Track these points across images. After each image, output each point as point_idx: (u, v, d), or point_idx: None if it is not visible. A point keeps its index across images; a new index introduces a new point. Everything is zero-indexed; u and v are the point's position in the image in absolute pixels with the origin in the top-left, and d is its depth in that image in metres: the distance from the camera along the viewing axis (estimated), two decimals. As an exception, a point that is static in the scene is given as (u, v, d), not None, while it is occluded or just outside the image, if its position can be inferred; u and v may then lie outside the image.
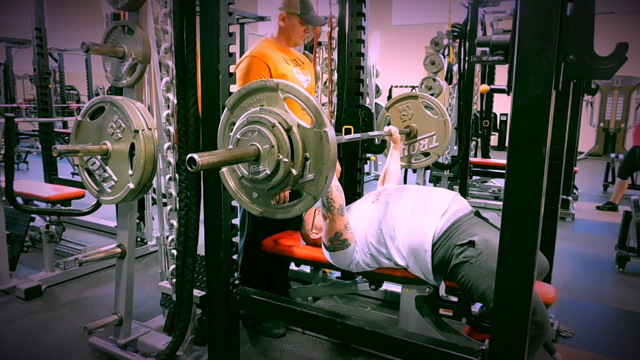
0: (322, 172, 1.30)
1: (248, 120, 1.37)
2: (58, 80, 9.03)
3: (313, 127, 1.30)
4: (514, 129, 1.11)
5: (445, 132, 2.61)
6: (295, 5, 2.14)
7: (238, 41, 5.49)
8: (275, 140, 1.32)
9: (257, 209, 1.47)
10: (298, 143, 1.32)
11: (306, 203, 1.37)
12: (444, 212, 1.78)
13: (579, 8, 1.08)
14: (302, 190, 1.37)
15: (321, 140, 1.29)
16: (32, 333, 2.32)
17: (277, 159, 1.32)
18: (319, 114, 1.29)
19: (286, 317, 1.73)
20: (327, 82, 3.07)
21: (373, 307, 2.62)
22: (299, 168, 1.33)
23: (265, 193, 1.42)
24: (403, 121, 2.72)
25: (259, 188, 1.42)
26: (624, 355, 2.24)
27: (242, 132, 1.38)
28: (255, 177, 1.38)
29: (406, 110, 2.71)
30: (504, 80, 1.22)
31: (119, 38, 1.89)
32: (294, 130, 1.32)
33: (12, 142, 2.56)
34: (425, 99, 2.69)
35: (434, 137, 2.65)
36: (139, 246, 3.45)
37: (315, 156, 1.31)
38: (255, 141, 1.35)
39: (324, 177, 1.30)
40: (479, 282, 1.58)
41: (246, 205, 1.49)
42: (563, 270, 3.29)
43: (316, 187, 1.32)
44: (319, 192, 1.33)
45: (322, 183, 1.31)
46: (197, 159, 1.18)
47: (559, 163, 2.16)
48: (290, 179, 1.34)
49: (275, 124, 1.32)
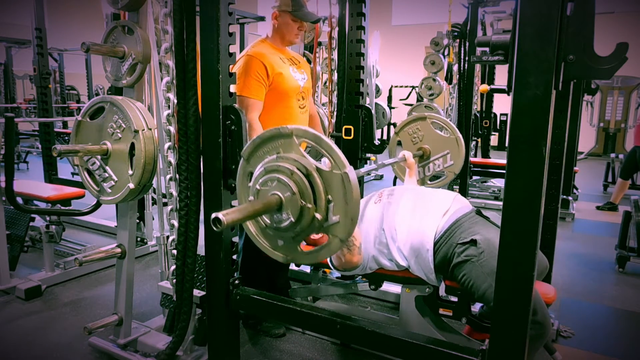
0: (347, 213, 1.28)
1: (266, 170, 1.36)
2: (58, 80, 9.04)
3: (332, 169, 1.29)
4: (514, 129, 1.11)
5: (459, 149, 2.58)
6: (287, 2, 2.14)
7: (238, 41, 5.49)
8: (296, 186, 1.31)
9: (282, 256, 1.46)
10: (319, 187, 1.30)
11: (333, 246, 1.36)
12: (445, 212, 1.78)
13: (579, 8, 1.08)
14: (328, 233, 1.36)
15: (342, 182, 1.28)
16: (32, 333, 2.32)
17: (300, 205, 1.30)
18: (337, 155, 1.28)
19: (286, 317, 1.73)
20: (327, 82, 3.07)
21: (373, 307, 2.62)
22: (322, 212, 1.31)
23: (290, 240, 1.42)
24: (414, 143, 2.68)
25: (284, 236, 1.42)
26: (624, 355, 2.24)
27: (262, 182, 1.37)
28: (279, 225, 1.37)
29: (416, 132, 2.68)
30: (504, 80, 1.22)
31: (119, 38, 1.89)
32: (313, 174, 1.30)
33: (12, 142, 2.56)
34: (434, 119, 2.67)
35: (447, 156, 2.61)
36: (139, 246, 3.45)
37: (338, 198, 1.29)
38: (275, 190, 1.33)
39: (350, 219, 1.29)
40: (480, 281, 1.58)
41: (270, 252, 1.48)
42: (563, 270, 3.29)
43: (342, 229, 1.31)
44: (346, 234, 1.31)
45: (348, 224, 1.30)
46: (222, 218, 1.16)
47: (559, 163, 2.16)
48: (315, 224, 1.33)
49: (294, 170, 1.31)
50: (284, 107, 2.20)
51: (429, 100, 5.20)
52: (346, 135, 2.67)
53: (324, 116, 2.94)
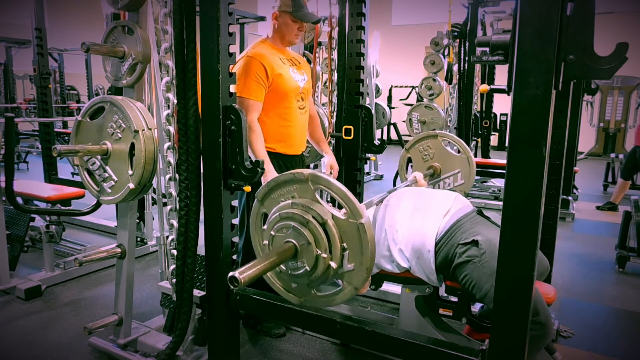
0: (362, 263, 1.29)
1: (281, 217, 1.36)
2: (58, 80, 9.04)
3: (348, 218, 1.28)
4: (514, 129, 1.11)
5: (470, 169, 2.57)
6: (287, 3, 2.14)
7: (238, 41, 5.49)
8: (312, 236, 1.30)
9: (296, 298, 1.47)
10: (335, 236, 1.30)
11: (347, 293, 1.36)
12: (446, 212, 1.78)
13: (579, 8, 1.08)
14: (342, 279, 1.36)
15: (358, 231, 1.28)
16: (32, 333, 2.32)
17: (316, 254, 1.31)
18: (353, 204, 1.27)
19: (286, 317, 1.73)
20: (327, 82, 3.07)
21: (373, 307, 2.62)
22: (337, 260, 1.31)
23: (305, 285, 1.42)
24: (425, 161, 2.67)
25: (299, 281, 1.42)
26: (624, 355, 2.24)
27: (277, 229, 1.36)
28: (294, 272, 1.37)
29: (427, 150, 2.67)
30: (504, 80, 1.22)
31: (119, 38, 1.89)
32: (329, 223, 1.30)
33: (12, 142, 2.56)
34: (445, 137, 2.66)
35: (458, 175, 2.60)
36: (139, 246, 3.45)
37: (354, 247, 1.29)
38: (290, 238, 1.33)
39: (365, 268, 1.29)
40: (482, 282, 1.57)
41: (283, 294, 1.49)
42: (563, 270, 3.29)
43: (357, 278, 1.31)
44: (361, 283, 1.32)
45: (362, 273, 1.30)
46: (239, 277, 1.17)
47: (559, 163, 2.16)
48: (330, 272, 1.33)
49: (309, 219, 1.30)
50: (283, 108, 2.20)
51: (429, 100, 5.20)
52: (346, 135, 2.67)
53: (324, 116, 2.94)
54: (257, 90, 2.09)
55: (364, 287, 1.69)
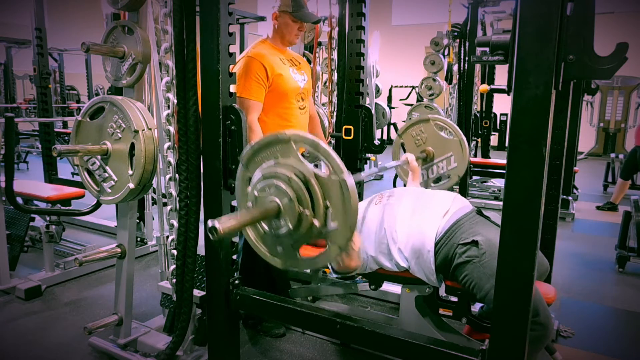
0: (346, 221, 1.27)
1: (264, 176, 1.35)
2: (58, 80, 9.04)
3: (330, 176, 1.28)
4: (514, 129, 1.11)
5: (462, 152, 2.57)
6: (287, 3, 2.14)
7: (238, 41, 5.49)
8: (294, 193, 1.29)
9: (281, 262, 1.45)
10: (317, 194, 1.29)
11: (331, 253, 1.35)
12: (445, 212, 1.78)
13: (579, 8, 1.08)
14: (326, 239, 1.35)
15: (341, 189, 1.26)
16: (32, 333, 2.32)
17: (298, 212, 1.29)
18: (335, 161, 1.27)
19: (286, 317, 1.73)
20: (327, 82, 3.07)
21: (373, 307, 2.62)
22: (321, 219, 1.30)
23: (289, 246, 1.41)
24: (418, 146, 2.67)
25: (283, 242, 1.41)
26: (624, 355, 2.25)
27: (260, 188, 1.36)
28: (277, 232, 1.36)
29: (420, 134, 2.66)
30: (504, 80, 1.22)
31: (119, 38, 1.89)
32: (311, 181, 1.29)
33: (12, 142, 2.56)
34: (437, 121, 2.65)
35: (451, 158, 2.60)
36: (139, 246, 3.45)
37: (337, 205, 1.28)
38: (273, 197, 1.32)
39: (348, 226, 1.27)
40: (482, 282, 1.57)
41: (268, 259, 1.48)
42: (563, 270, 3.29)
43: (341, 236, 1.30)
44: (345, 241, 1.31)
45: (346, 232, 1.28)
46: (219, 226, 1.15)
47: (559, 163, 2.16)
48: (313, 231, 1.32)
49: (292, 177, 1.30)
50: (283, 108, 2.20)
51: (429, 100, 5.20)
52: (346, 135, 2.67)
53: (324, 116, 2.94)
54: (257, 91, 2.09)
55: (353, 257, 1.70)
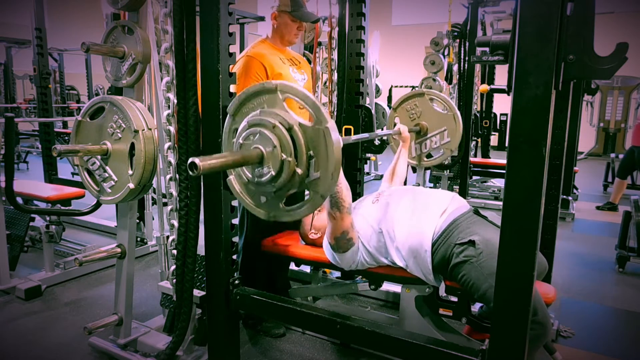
0: (328, 169, 1.28)
1: (249, 124, 1.36)
2: (58, 80, 9.03)
3: (314, 125, 1.29)
4: (514, 129, 1.11)
5: (456, 126, 2.57)
6: (286, 2, 2.14)
7: (238, 41, 5.49)
8: (277, 140, 1.30)
9: (265, 213, 1.45)
10: (301, 142, 1.30)
11: (314, 203, 1.35)
12: (443, 212, 1.78)
13: (579, 8, 1.08)
14: (309, 189, 1.36)
15: (324, 137, 1.27)
16: (32, 333, 2.32)
17: (281, 159, 1.30)
18: (319, 110, 1.28)
19: (286, 317, 1.73)
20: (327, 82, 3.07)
21: (373, 307, 2.62)
22: (304, 167, 1.31)
23: (272, 196, 1.41)
24: (412, 119, 2.69)
25: (266, 191, 1.41)
26: (624, 355, 2.24)
27: (244, 137, 1.36)
28: (260, 179, 1.36)
29: (414, 108, 2.67)
30: (504, 80, 1.22)
31: (119, 38, 1.89)
32: (295, 129, 1.30)
33: (12, 142, 2.56)
34: (432, 95, 2.66)
35: (445, 133, 2.61)
36: (139, 246, 3.45)
37: (320, 154, 1.29)
38: (257, 144, 1.33)
39: (330, 174, 1.28)
40: (480, 281, 1.58)
41: (252, 209, 1.47)
42: (563, 270, 3.29)
43: (323, 185, 1.31)
44: (327, 190, 1.31)
45: (328, 180, 1.29)
46: (198, 163, 1.16)
47: (559, 163, 2.16)
48: (295, 179, 1.33)
49: (276, 124, 1.31)
50: (283, 107, 2.19)
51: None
52: (346, 135, 2.67)
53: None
54: (257, 90, 2.09)
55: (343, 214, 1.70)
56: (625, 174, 5.07)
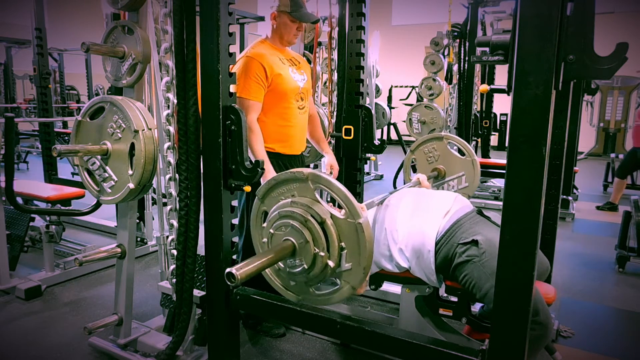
0: (360, 262, 1.28)
1: (280, 215, 1.35)
2: (58, 80, 9.04)
3: (347, 218, 1.28)
4: (514, 129, 1.11)
5: (474, 172, 2.56)
6: (285, 3, 2.14)
7: (238, 41, 5.49)
8: (310, 234, 1.30)
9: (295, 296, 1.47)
10: (333, 235, 1.30)
11: (344, 292, 1.36)
12: (446, 212, 1.78)
13: (579, 8, 1.08)
14: (340, 278, 1.35)
15: (356, 231, 1.27)
16: (32, 333, 2.32)
17: (314, 252, 1.30)
18: (352, 204, 1.27)
19: (286, 317, 1.73)
20: (327, 82, 3.07)
21: (373, 307, 2.62)
22: (335, 259, 1.31)
23: (303, 283, 1.42)
24: (430, 163, 2.67)
25: (297, 280, 1.42)
26: (624, 355, 2.24)
27: (276, 227, 1.36)
28: (292, 270, 1.37)
29: (432, 152, 2.65)
30: (504, 80, 1.22)
31: (119, 38, 1.89)
32: (327, 222, 1.30)
33: (12, 142, 2.56)
34: (450, 140, 2.65)
35: (462, 178, 2.59)
36: (139, 246, 3.45)
37: (351, 246, 1.29)
38: (289, 236, 1.33)
39: (362, 268, 1.28)
40: (482, 281, 1.57)
41: (283, 292, 1.49)
42: (563, 270, 3.29)
43: (355, 277, 1.31)
44: (358, 282, 1.31)
45: (360, 273, 1.29)
46: (236, 273, 1.16)
47: (559, 163, 2.16)
48: (327, 271, 1.33)
49: (308, 218, 1.30)
50: (282, 108, 2.20)
51: (429, 100, 5.20)
52: (346, 135, 2.67)
53: (324, 116, 2.94)
54: (257, 91, 2.09)
55: (362, 287, 1.70)
56: (625, 174, 5.07)
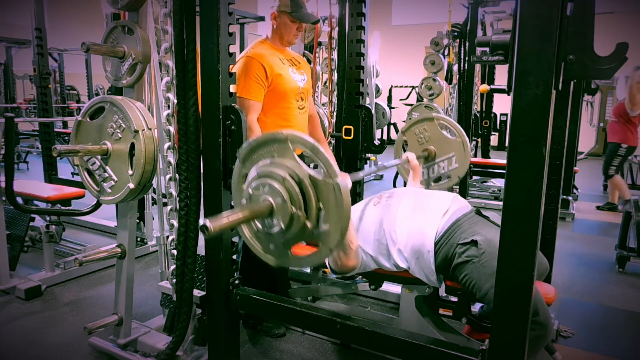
0: (338, 223, 1.27)
1: (259, 174, 1.35)
2: (58, 80, 9.03)
3: (325, 178, 1.28)
4: (514, 129, 1.11)
5: (464, 153, 2.56)
6: (286, 3, 2.14)
7: (238, 41, 5.49)
8: (287, 193, 1.29)
9: (273, 259, 1.45)
10: (311, 195, 1.29)
11: (322, 254, 1.35)
12: (444, 212, 1.78)
13: (579, 8, 1.08)
14: (318, 240, 1.35)
15: (334, 192, 1.26)
16: (32, 333, 2.32)
17: (291, 212, 1.29)
18: (330, 165, 1.26)
19: (286, 317, 1.73)
20: (327, 82, 3.07)
21: (373, 307, 2.62)
22: (313, 220, 1.30)
23: (281, 245, 1.42)
24: (420, 144, 2.67)
25: (276, 241, 1.42)
26: (624, 355, 2.24)
27: (254, 187, 1.35)
28: (270, 231, 1.36)
29: (423, 133, 2.66)
30: (504, 80, 1.22)
31: (119, 38, 1.89)
32: (305, 182, 1.29)
33: (12, 142, 2.56)
34: (441, 120, 2.65)
35: (453, 159, 2.60)
36: (139, 246, 3.45)
37: (329, 207, 1.28)
38: (267, 195, 1.32)
39: (339, 228, 1.27)
40: (482, 281, 1.57)
41: (262, 255, 1.48)
42: (563, 270, 3.29)
43: (333, 238, 1.30)
44: (335, 244, 1.30)
45: (337, 234, 1.28)
46: (209, 225, 1.15)
47: (559, 163, 2.16)
48: (305, 232, 1.32)
49: (286, 177, 1.30)
50: (282, 108, 2.20)
51: (429, 100, 5.20)
52: (346, 135, 2.67)
53: (324, 116, 2.94)
54: (257, 91, 2.09)
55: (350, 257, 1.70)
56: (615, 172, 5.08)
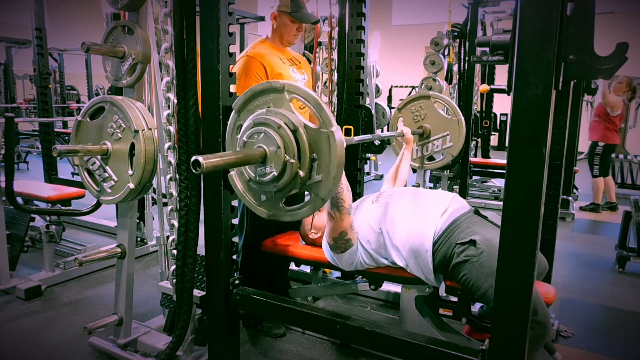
0: (330, 172, 1.28)
1: (254, 122, 1.36)
2: (58, 80, 9.03)
3: (320, 128, 1.28)
4: (514, 129, 1.11)
5: (459, 131, 2.57)
6: (286, 3, 2.14)
7: (238, 41, 5.49)
8: (282, 141, 1.30)
9: (265, 212, 1.45)
10: (305, 144, 1.30)
11: (314, 204, 1.35)
12: (443, 212, 1.78)
13: (579, 8, 1.08)
14: (310, 191, 1.36)
15: (328, 141, 1.27)
16: (32, 333, 2.32)
17: (284, 160, 1.30)
18: (326, 114, 1.27)
19: (286, 317, 1.73)
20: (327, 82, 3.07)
21: (373, 307, 2.62)
22: (306, 169, 1.31)
23: (273, 195, 1.41)
24: (416, 122, 2.69)
25: (267, 190, 1.41)
26: (624, 355, 2.24)
27: (249, 135, 1.36)
28: (262, 179, 1.36)
29: (419, 110, 2.67)
30: (504, 80, 1.22)
31: (119, 38, 1.89)
32: (300, 131, 1.30)
33: (12, 142, 2.56)
34: (437, 99, 2.66)
35: (447, 137, 2.61)
36: (139, 246, 3.45)
37: (323, 157, 1.29)
38: (261, 143, 1.33)
39: (332, 178, 1.28)
40: (480, 281, 1.58)
41: (254, 208, 1.48)
42: (563, 270, 3.29)
43: (324, 188, 1.31)
44: (328, 193, 1.31)
45: (329, 184, 1.29)
46: (202, 161, 1.16)
47: (559, 163, 2.16)
48: (297, 181, 1.33)
49: (281, 125, 1.30)
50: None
51: (429, 100, 5.19)
52: (346, 135, 2.67)
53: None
54: (257, 90, 2.09)
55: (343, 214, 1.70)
56: (606, 172, 5.08)
